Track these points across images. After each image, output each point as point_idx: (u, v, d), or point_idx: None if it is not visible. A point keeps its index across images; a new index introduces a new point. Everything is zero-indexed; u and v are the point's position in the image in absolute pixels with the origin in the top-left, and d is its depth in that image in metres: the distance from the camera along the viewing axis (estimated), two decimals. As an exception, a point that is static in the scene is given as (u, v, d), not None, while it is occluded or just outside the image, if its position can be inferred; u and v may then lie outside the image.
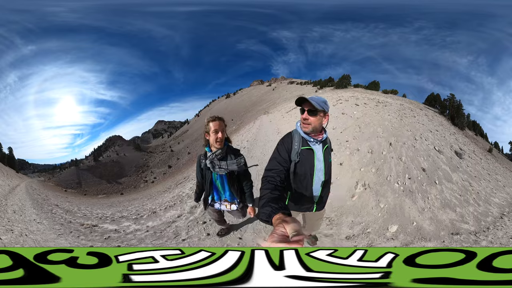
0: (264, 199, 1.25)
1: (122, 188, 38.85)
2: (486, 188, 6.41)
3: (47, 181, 39.75)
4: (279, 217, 0.94)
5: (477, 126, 33.95)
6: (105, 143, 67.09)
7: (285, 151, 1.82)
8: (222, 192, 2.69)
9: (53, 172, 49.18)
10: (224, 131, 2.39)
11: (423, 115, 16.32)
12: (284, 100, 39.14)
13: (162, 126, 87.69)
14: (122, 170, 49.86)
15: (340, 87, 35.87)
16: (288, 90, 55.00)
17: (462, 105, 27.84)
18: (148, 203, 8.41)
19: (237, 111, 52.76)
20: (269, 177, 1.55)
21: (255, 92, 69.67)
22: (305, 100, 1.76)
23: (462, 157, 8.93)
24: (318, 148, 1.90)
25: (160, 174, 41.66)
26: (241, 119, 41.02)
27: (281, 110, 24.24)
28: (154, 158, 54.92)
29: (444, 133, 12.52)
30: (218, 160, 2.45)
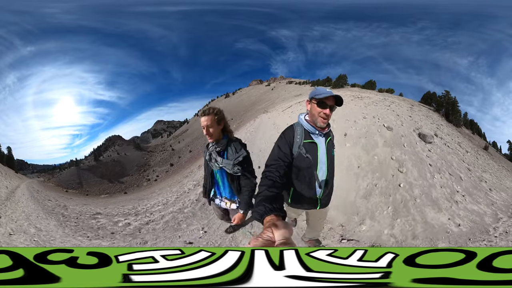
0: (260, 196, 1.20)
1: (125, 187, 38.78)
2: (446, 181, 6.04)
3: (47, 182, 39.66)
4: (271, 219, 0.91)
5: (474, 125, 33.83)
6: (104, 143, 66.99)
7: (286, 145, 1.74)
8: (222, 188, 2.55)
9: (52, 173, 49.02)
10: (214, 126, 2.26)
11: (407, 108, 16.16)
12: (282, 100, 39.28)
13: (161, 126, 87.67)
14: (123, 170, 49.79)
15: (337, 86, 36.24)
16: (287, 90, 55.10)
17: (457, 102, 27.45)
18: (164, 192, 8.68)
19: (236, 110, 52.75)
20: (267, 173, 1.49)
21: (254, 91, 69.65)
22: (331, 96, 1.70)
23: (427, 141, 8.68)
24: (321, 141, 1.83)
25: (163, 173, 41.63)
26: (241, 118, 41.08)
27: (279, 110, 24.69)
28: (155, 157, 54.92)
29: (418, 118, 12.42)
30: (216, 153, 2.35)
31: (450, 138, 11.75)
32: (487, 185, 6.92)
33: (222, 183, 2.52)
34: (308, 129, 1.80)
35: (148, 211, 6.45)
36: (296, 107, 19.92)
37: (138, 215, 6.24)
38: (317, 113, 1.74)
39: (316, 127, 1.78)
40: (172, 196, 7.38)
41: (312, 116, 1.79)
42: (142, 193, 14.74)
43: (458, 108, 27.00)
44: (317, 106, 1.73)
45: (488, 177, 8.01)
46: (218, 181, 2.54)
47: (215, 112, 2.28)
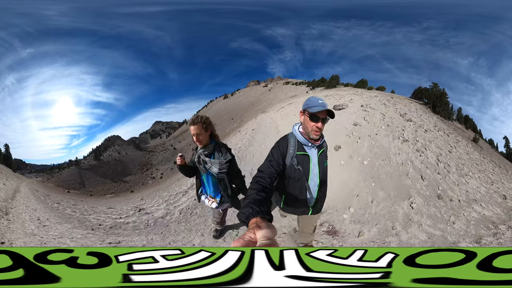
0: (248, 199, 1.21)
1: (129, 186, 38.77)
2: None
3: (46, 182, 39.57)
4: (255, 221, 0.92)
5: (469, 120, 33.66)
6: (104, 142, 67.01)
7: (279, 155, 1.79)
8: (208, 187, 2.79)
9: (51, 172, 48.93)
10: (202, 133, 2.49)
11: (388, 99, 16.74)
12: (279, 100, 39.70)
13: (160, 127, 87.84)
14: (125, 169, 49.79)
15: (330, 86, 36.79)
16: (284, 90, 55.56)
17: (446, 94, 27.08)
18: (181, 183, 8.84)
19: (236, 110, 52.92)
20: (259, 178, 1.53)
21: (252, 92, 69.91)
22: (324, 110, 1.70)
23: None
24: (313, 152, 1.87)
25: (167, 170, 41.79)
26: (241, 118, 41.33)
27: (275, 110, 25.34)
28: (157, 156, 55.06)
29: (380, 104, 13.08)
30: (204, 156, 2.58)
31: (422, 122, 11.99)
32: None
33: (207, 183, 2.78)
34: (301, 141, 1.83)
35: (176, 198, 6.95)
36: (289, 108, 20.31)
37: (173, 202, 6.60)
38: (310, 127, 1.77)
39: (309, 139, 1.82)
40: (189, 183, 7.78)
41: (305, 128, 1.82)
42: (156, 187, 14.91)
43: (447, 100, 26.52)
44: (310, 120, 1.75)
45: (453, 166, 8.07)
46: (204, 181, 2.80)
47: (202, 120, 2.51)
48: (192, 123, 2.49)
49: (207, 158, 2.56)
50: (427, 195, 5.11)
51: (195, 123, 2.48)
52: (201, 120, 2.50)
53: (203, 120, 2.52)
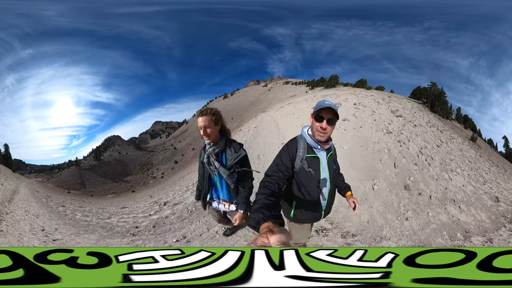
0: (258, 204, 1.20)
1: (130, 186, 38.75)
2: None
3: (46, 182, 39.53)
4: (267, 226, 0.90)
5: (468, 120, 33.60)
6: (104, 142, 67.01)
7: (288, 159, 1.74)
8: (220, 190, 2.49)
9: (51, 173, 48.91)
10: (211, 126, 2.21)
11: (383, 97, 17.16)
12: (279, 100, 39.74)
13: (160, 127, 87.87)
14: (126, 169, 49.77)
15: (329, 86, 36.82)
16: (283, 90, 55.68)
17: (444, 93, 27.12)
18: (185, 180, 9.03)
19: (236, 110, 52.93)
20: (267, 182, 1.49)
21: (251, 92, 69.99)
22: (327, 108, 1.66)
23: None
24: (323, 155, 1.83)
25: (168, 170, 41.83)
26: (241, 118, 41.36)
27: (275, 109, 25.63)
28: (157, 156, 55.05)
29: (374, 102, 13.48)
30: (214, 155, 2.30)
31: (412, 118, 12.17)
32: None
33: (220, 185, 2.47)
34: (310, 143, 1.79)
35: (183, 195, 6.92)
36: (288, 108, 20.48)
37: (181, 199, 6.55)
38: (315, 127, 1.73)
39: (318, 141, 1.78)
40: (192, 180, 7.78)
41: (312, 130, 1.79)
42: (159, 186, 14.78)
43: (445, 99, 26.52)
44: (315, 120, 1.72)
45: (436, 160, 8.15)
46: (216, 184, 2.48)
47: (212, 112, 2.24)
48: (200, 114, 2.21)
49: (216, 163, 2.29)
50: (393, 182, 5.06)
51: (203, 114, 2.20)
52: (210, 111, 2.23)
53: (213, 111, 2.24)
